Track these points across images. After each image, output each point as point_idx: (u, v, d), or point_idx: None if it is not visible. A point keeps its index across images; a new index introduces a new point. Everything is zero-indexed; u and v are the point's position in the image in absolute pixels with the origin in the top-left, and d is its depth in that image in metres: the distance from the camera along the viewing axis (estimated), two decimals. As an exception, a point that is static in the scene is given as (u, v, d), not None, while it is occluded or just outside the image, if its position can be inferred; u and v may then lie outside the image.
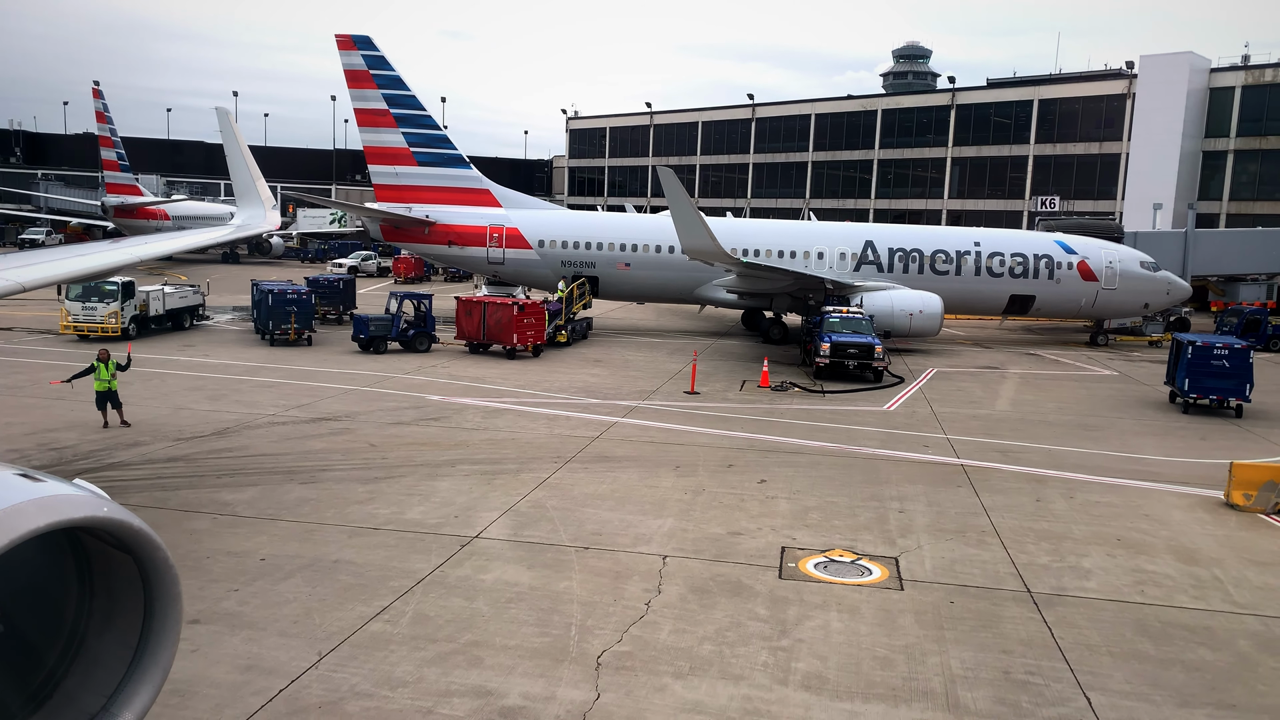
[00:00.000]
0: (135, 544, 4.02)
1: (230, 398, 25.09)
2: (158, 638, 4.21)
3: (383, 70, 42.92)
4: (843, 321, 33.23)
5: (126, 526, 3.95)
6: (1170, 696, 10.22)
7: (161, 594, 4.16)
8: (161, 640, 4.23)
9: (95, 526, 3.90)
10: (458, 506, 16.05)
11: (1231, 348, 26.79)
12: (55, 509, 3.72)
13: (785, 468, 19.68)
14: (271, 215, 29.21)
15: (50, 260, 14.34)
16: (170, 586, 4.19)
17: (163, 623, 4.21)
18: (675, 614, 11.95)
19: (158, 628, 4.20)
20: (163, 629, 4.22)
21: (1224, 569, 14.34)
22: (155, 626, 4.20)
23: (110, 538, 4.02)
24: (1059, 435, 23.85)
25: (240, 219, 28.12)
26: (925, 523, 16.19)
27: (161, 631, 4.22)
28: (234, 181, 29.07)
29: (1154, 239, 51.91)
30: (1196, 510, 17.49)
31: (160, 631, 4.21)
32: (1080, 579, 13.73)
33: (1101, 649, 11.35)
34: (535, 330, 34.39)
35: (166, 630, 4.23)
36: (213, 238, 32.86)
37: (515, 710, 9.42)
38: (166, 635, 4.24)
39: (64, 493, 3.89)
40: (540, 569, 13.30)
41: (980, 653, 11.13)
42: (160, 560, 4.11)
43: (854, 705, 9.79)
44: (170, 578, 4.18)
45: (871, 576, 13.60)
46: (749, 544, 14.77)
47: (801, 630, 11.60)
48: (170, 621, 4.23)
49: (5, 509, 3.59)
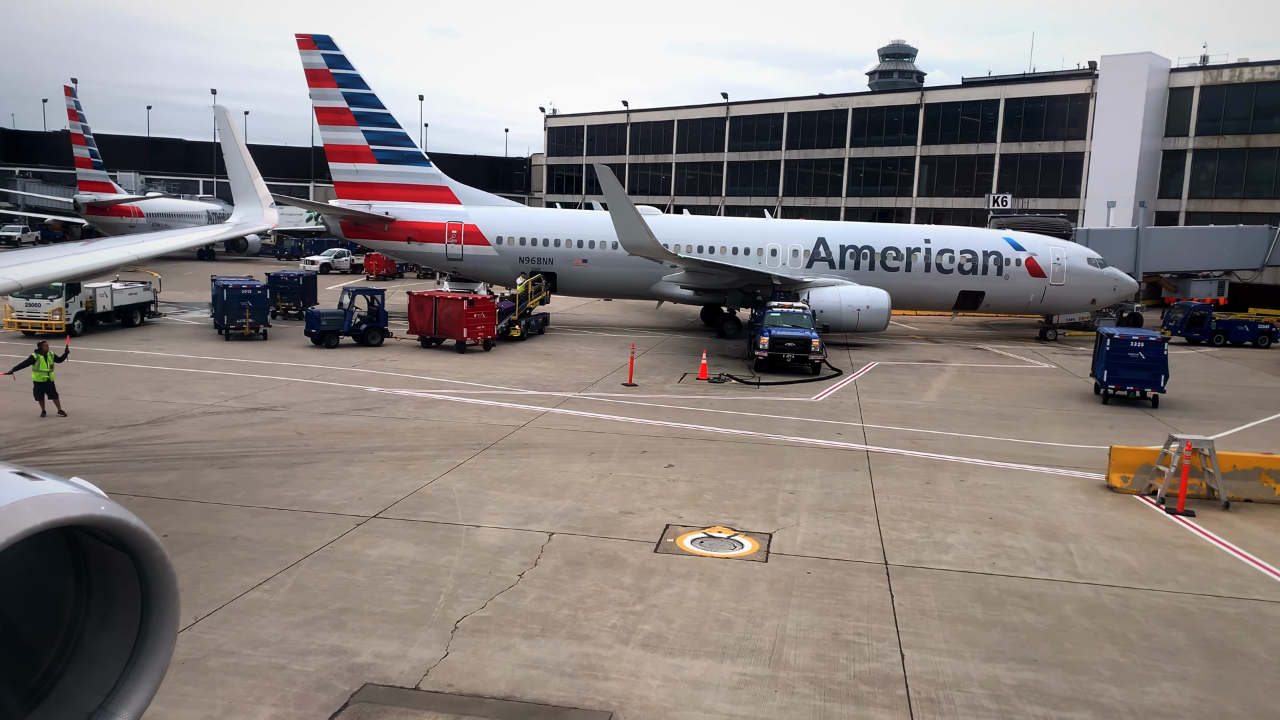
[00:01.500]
0: (132, 542, 4.04)
1: (173, 389, 25.80)
2: (155, 636, 4.24)
3: (343, 69, 43.60)
4: (783, 316, 34.05)
5: (123, 525, 3.97)
6: (979, 653, 11.07)
7: (159, 592, 4.18)
8: (159, 639, 4.24)
9: (92, 525, 3.91)
10: (365, 490, 16.82)
11: (1147, 340, 27.72)
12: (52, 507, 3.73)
13: (696, 454, 20.49)
14: (269, 214, 29.03)
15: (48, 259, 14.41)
16: (168, 585, 4.19)
17: (160, 621, 4.23)
18: (544, 584, 12.75)
19: (155, 626, 4.23)
20: (160, 627, 4.24)
21: (1079, 544, 15.22)
22: (153, 625, 4.23)
23: (107, 536, 4.03)
24: (973, 424, 24.74)
25: (238, 217, 28.12)
26: (811, 503, 17.03)
27: (159, 630, 4.24)
28: (231, 180, 29.06)
29: (1106, 236, 52.96)
30: (1077, 492, 18.38)
31: (158, 630, 4.24)
32: (939, 553, 14.59)
33: (933, 613, 12.20)
34: (486, 325, 35.15)
35: (164, 629, 4.25)
36: (210, 235, 33.23)
37: (363, 666, 10.21)
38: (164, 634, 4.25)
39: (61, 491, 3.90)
40: (427, 545, 14.09)
41: (818, 616, 11.97)
42: (157, 559, 4.12)
43: (682, 661, 10.61)
44: (167, 576, 4.17)
45: (742, 550, 14.43)
46: (637, 522, 15.58)
47: (658, 597, 12.42)
48: (168, 620, 4.24)
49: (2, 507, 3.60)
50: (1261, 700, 10.17)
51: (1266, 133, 64.45)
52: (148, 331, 37.06)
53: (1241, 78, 66.02)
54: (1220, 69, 67.19)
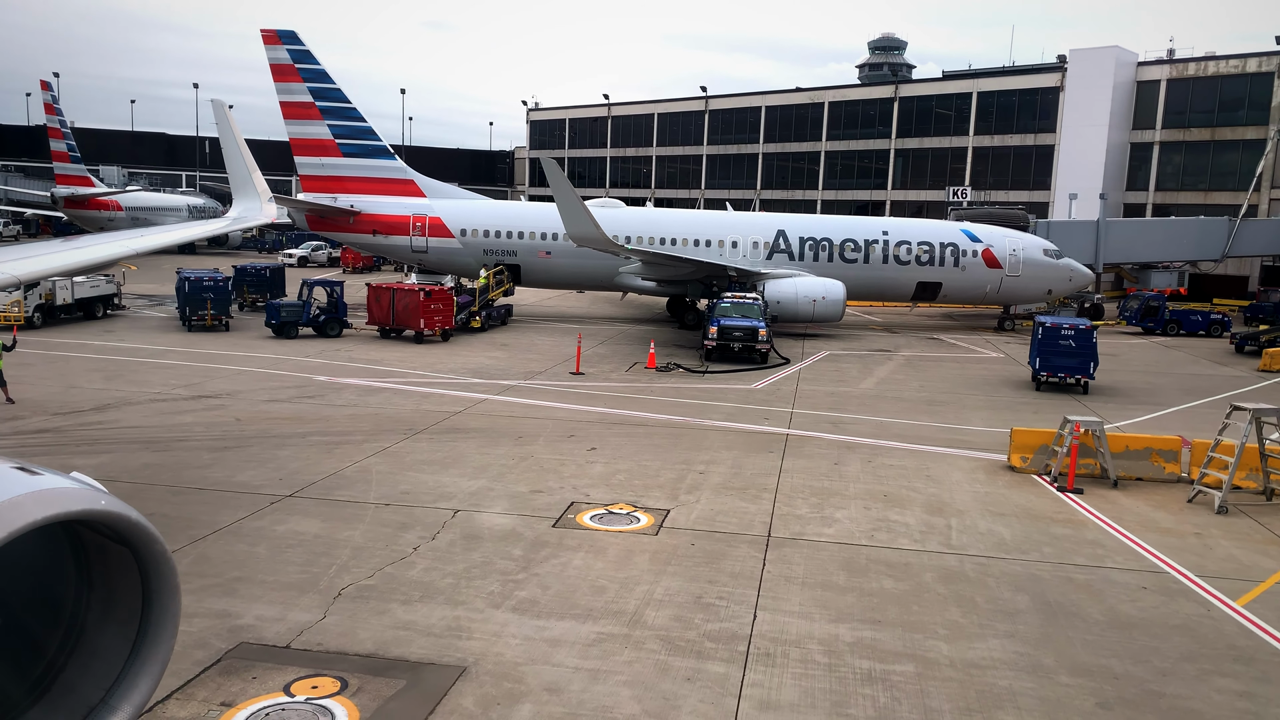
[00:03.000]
0: (133, 537, 4.07)
1: (126, 378, 26.45)
2: (156, 629, 4.28)
3: (308, 64, 44.17)
4: (733, 306, 34.77)
5: (124, 519, 4.00)
6: (828, 615, 11.82)
7: (160, 586, 4.22)
8: (160, 632, 4.29)
9: (93, 519, 3.95)
10: (287, 471, 17.52)
11: (1077, 328, 28.49)
12: (52, 502, 3.77)
13: (621, 438, 21.22)
14: (268, 208, 29.10)
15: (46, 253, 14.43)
16: (168, 579, 4.23)
17: (161, 615, 4.27)
18: (435, 556, 13.48)
19: (156, 619, 4.27)
20: (161, 621, 4.28)
21: (961, 519, 15.98)
22: (154, 618, 4.27)
23: (108, 530, 4.06)
24: (901, 410, 25.50)
25: (237, 211, 28.38)
26: (718, 482, 17.77)
27: (160, 623, 4.28)
28: (230, 174, 29.38)
29: (1066, 228, 53.82)
30: (978, 472, 19.15)
31: (159, 623, 4.28)
32: (824, 526, 15.34)
33: (798, 580, 12.96)
34: (443, 315, 35.82)
35: (165, 622, 4.29)
36: (210, 229, 33.64)
37: (243, 628, 10.93)
38: (165, 627, 4.29)
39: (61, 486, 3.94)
40: (334, 521, 14.80)
41: (688, 583, 12.72)
42: (158, 553, 4.16)
43: (546, 622, 11.35)
44: (168, 570, 4.22)
45: (638, 525, 15.16)
46: (544, 500, 16.31)
47: (542, 567, 13.15)
48: (169, 614, 4.28)
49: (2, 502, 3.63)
50: (1077, 654, 10.93)
51: (1230, 125, 65.27)
52: (112, 324, 37.66)
53: (1207, 71, 66.83)
54: (1186, 63, 68.03)
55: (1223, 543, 15.12)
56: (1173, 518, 16.38)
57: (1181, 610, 12.31)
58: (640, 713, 9.35)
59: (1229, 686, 10.24)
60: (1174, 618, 12.06)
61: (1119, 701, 9.86)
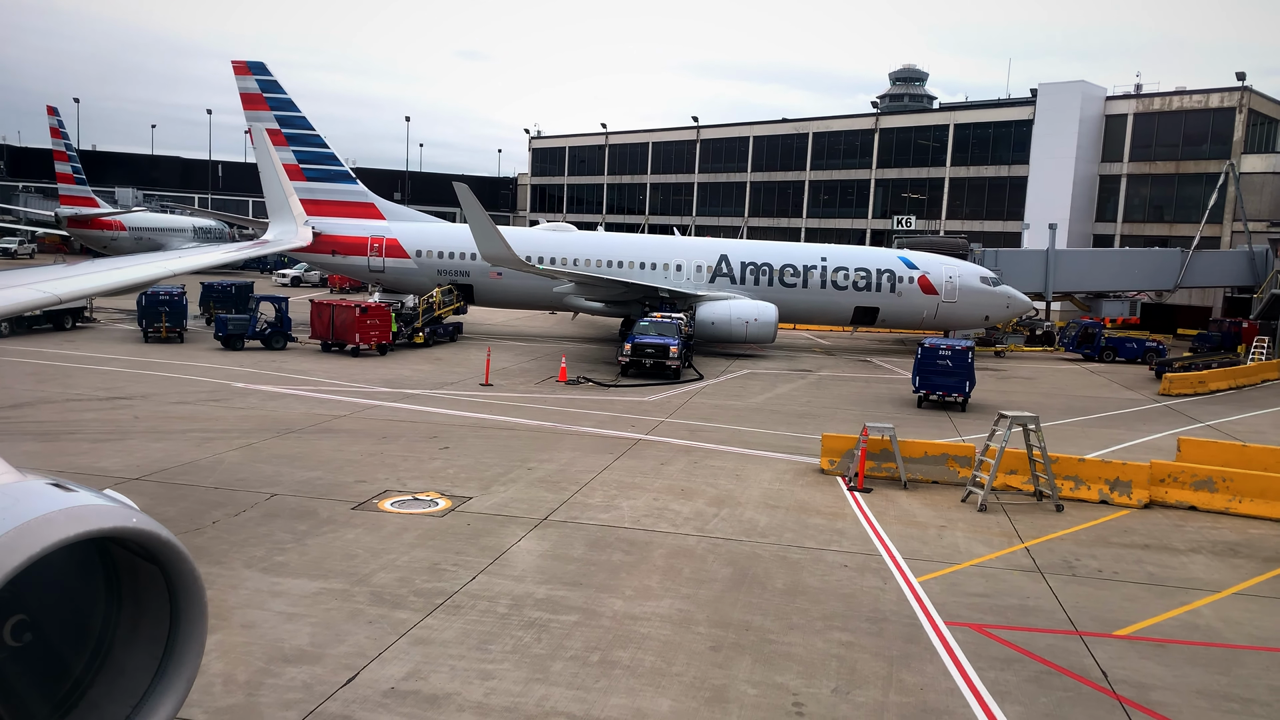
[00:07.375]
0: (162, 555, 4.09)
1: (58, 381, 28.60)
2: (183, 648, 4.29)
3: (275, 93, 46.83)
4: (652, 325, 36.49)
5: (154, 537, 4.02)
6: (540, 579, 13.40)
7: (188, 605, 4.25)
8: (187, 651, 4.30)
9: (123, 537, 3.97)
10: (149, 459, 19.40)
11: (954, 349, 29.91)
12: (84, 519, 3.80)
13: (481, 440, 22.93)
14: (304, 231, 30.31)
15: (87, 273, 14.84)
16: (196, 598, 4.26)
17: (188, 633, 4.29)
18: (226, 528, 15.23)
19: (183, 638, 4.29)
20: (188, 640, 4.30)
21: (735, 509, 17.51)
22: (181, 637, 4.29)
23: (138, 548, 4.08)
24: (769, 422, 27.01)
25: (273, 233, 29.39)
26: (538, 477, 19.41)
27: (187, 642, 4.30)
28: (267, 197, 30.97)
29: (1015, 257, 55.17)
30: (788, 474, 20.65)
31: (186, 642, 4.30)
32: (602, 513, 16.93)
33: (538, 553, 14.56)
34: (380, 330, 37.86)
35: (192, 641, 4.30)
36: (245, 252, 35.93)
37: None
38: (192, 646, 4.31)
39: (93, 503, 3.98)
40: (156, 499, 16.59)
41: (435, 554, 14.37)
42: (187, 571, 4.19)
43: (281, 579, 13.04)
44: (197, 589, 4.25)
45: (433, 509, 16.84)
46: (361, 488, 18.01)
47: (314, 539, 14.86)
48: (196, 632, 4.31)
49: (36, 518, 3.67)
50: (730, 612, 12.45)
51: (1194, 159, 66.30)
52: (76, 335, 40.06)
53: (1171, 106, 67.99)
54: (1151, 97, 69.25)
55: (956, 534, 16.54)
56: (933, 513, 17.82)
57: (860, 583, 13.79)
58: (308, 644, 11.01)
59: (839, 639, 11.73)
60: (846, 588, 13.55)
61: (730, 646, 11.39)
